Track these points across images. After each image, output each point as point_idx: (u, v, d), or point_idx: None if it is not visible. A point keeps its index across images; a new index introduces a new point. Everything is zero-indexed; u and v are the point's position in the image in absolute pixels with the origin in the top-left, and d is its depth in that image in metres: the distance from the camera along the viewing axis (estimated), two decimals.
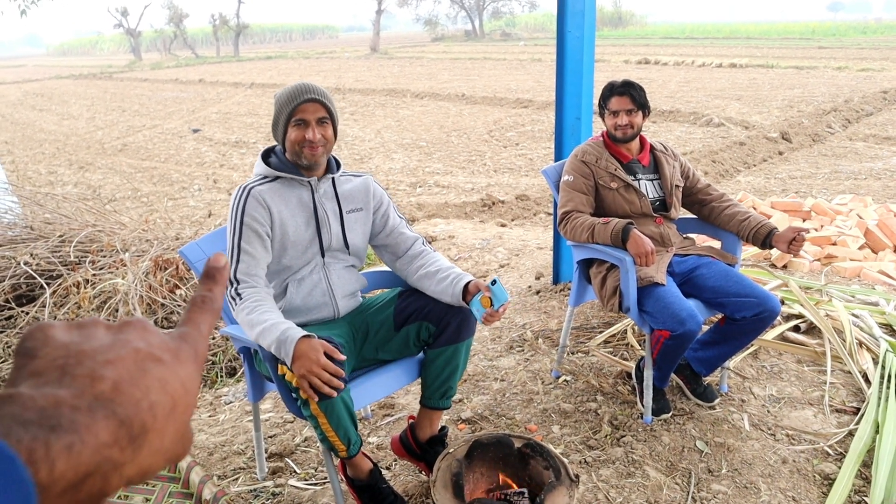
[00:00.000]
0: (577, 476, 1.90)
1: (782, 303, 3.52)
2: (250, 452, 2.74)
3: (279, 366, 2.05)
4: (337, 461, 2.22)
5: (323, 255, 2.25)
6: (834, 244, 4.65)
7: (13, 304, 4.41)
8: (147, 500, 1.86)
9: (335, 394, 1.91)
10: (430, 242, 2.46)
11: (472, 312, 2.10)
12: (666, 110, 13.02)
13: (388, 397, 3.03)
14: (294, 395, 1.99)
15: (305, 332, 1.93)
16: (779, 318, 3.16)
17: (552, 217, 5.62)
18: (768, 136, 10.72)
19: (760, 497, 2.33)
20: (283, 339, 1.93)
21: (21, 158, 12.94)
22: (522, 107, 14.86)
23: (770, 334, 3.33)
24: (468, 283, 2.16)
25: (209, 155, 12.02)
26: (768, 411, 2.82)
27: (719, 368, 2.89)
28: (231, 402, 3.27)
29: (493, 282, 2.04)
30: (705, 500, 2.32)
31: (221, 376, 3.74)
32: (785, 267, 4.44)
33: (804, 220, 5.07)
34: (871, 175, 8.37)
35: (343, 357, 1.92)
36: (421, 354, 2.34)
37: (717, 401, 2.84)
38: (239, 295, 2.07)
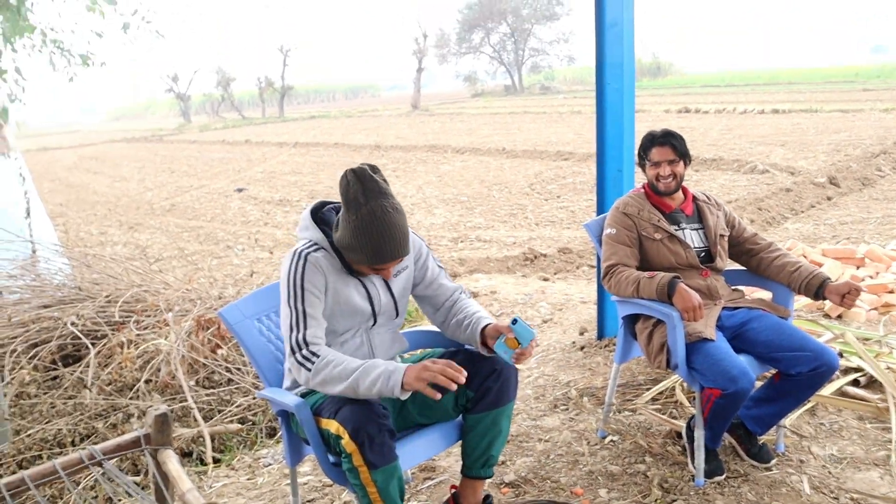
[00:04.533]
0: None
1: (840, 356, 3.36)
2: None
3: (323, 420, 2.01)
4: None
5: (375, 322, 2.21)
6: (891, 292, 4.45)
7: (59, 365, 4.47)
8: None
9: (461, 380, 1.87)
10: (472, 297, 2.42)
11: (501, 357, 2.04)
12: (709, 158, 12.88)
13: (428, 460, 2.94)
14: (342, 459, 1.95)
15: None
16: (836, 372, 3.01)
17: (595, 270, 5.53)
18: (815, 182, 10.47)
19: None
20: (391, 369, 1.92)
21: (74, 220, 13.36)
22: (563, 159, 14.86)
23: (828, 389, 3.17)
24: (486, 326, 2.12)
25: (253, 213, 12.25)
26: (829, 473, 2.66)
27: (775, 427, 2.75)
28: (270, 465, 3.22)
29: (514, 321, 1.99)
30: None
31: (261, 437, 3.70)
32: (840, 317, 4.27)
33: (858, 268, 4.89)
34: None
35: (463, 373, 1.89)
36: (460, 419, 2.27)
37: (773, 461, 2.69)
38: (314, 354, 2.00)
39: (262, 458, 3.33)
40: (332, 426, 1.98)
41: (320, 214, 2.19)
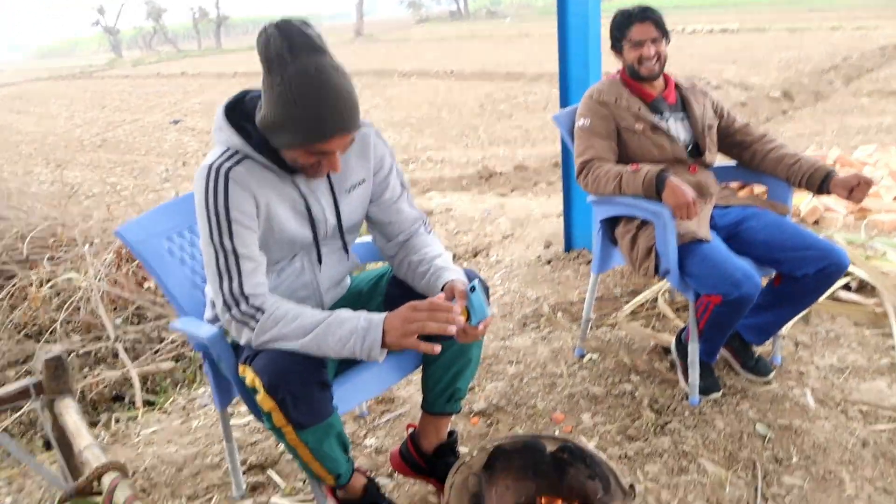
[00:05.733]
0: (632, 487, 1.48)
1: None
2: (226, 465, 2.30)
3: (240, 366, 1.61)
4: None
5: (318, 249, 1.72)
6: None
7: None
8: None
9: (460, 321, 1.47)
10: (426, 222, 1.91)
11: None
12: None
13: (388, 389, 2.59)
14: (263, 418, 1.56)
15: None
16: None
17: (557, 185, 5.20)
18: (770, 96, 10.30)
19: (845, 490, 1.90)
20: (364, 325, 1.48)
21: None
22: (513, 80, 14.34)
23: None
24: (445, 284, 1.64)
25: (192, 144, 11.57)
26: (833, 384, 2.39)
27: (771, 337, 2.46)
28: (206, 405, 2.84)
29: (472, 288, 1.54)
30: (778, 497, 1.89)
31: (200, 376, 3.31)
32: (816, 223, 4.02)
33: None
34: (881, 129, 7.94)
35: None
36: None
37: (772, 375, 2.42)
38: (258, 309, 1.53)
39: (197, 399, 2.95)
40: (247, 375, 1.55)
41: (240, 108, 1.62)
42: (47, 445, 2.87)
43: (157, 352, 3.51)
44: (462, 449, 2.11)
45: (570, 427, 2.26)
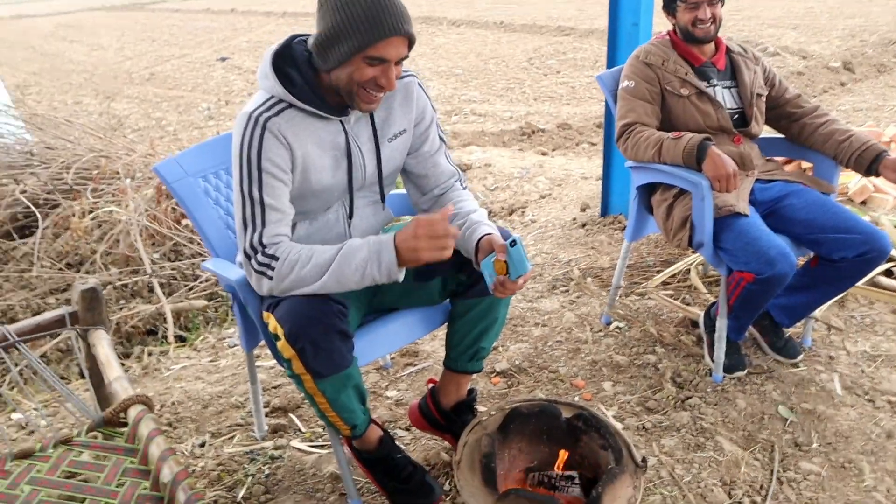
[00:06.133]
0: (644, 460, 1.47)
1: None
2: (250, 406, 2.36)
3: (264, 313, 1.63)
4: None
5: (352, 200, 1.73)
6: None
7: (16, 236, 4.09)
8: None
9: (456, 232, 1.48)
10: (464, 171, 1.91)
11: (485, 277, 1.57)
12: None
13: (411, 343, 2.62)
14: (283, 364, 1.58)
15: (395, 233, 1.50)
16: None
17: (599, 146, 5.10)
18: (829, 66, 9.88)
19: (864, 480, 1.88)
20: (376, 249, 1.49)
21: (48, 89, 12.65)
22: (564, 34, 14.01)
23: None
24: (482, 237, 1.63)
25: (237, 83, 11.59)
26: (863, 371, 2.34)
27: (803, 319, 2.41)
28: (235, 346, 2.90)
29: (513, 242, 1.51)
30: (793, 483, 1.88)
31: (231, 316, 3.37)
32: (864, 203, 3.89)
33: None
34: None
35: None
36: (448, 303, 1.88)
37: (800, 357, 2.38)
38: (272, 258, 1.53)
39: (227, 339, 3.01)
40: (270, 321, 1.57)
41: (288, 53, 1.60)
42: (81, 373, 2.97)
43: (191, 289, 3.59)
44: (480, 408, 2.14)
45: (591, 395, 2.26)
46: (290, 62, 1.57)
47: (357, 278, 1.50)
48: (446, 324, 1.90)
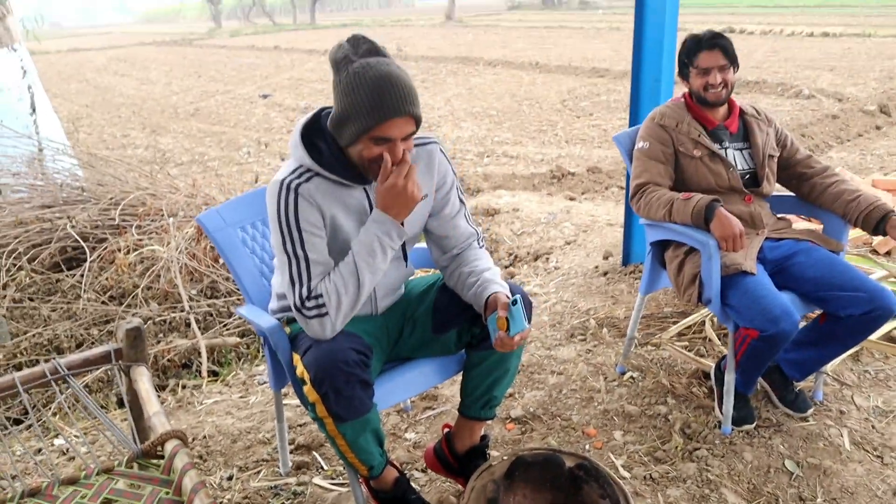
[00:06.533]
0: None
1: None
2: (276, 443, 2.49)
3: (294, 355, 1.77)
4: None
5: None
6: None
7: (63, 268, 4.31)
8: None
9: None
10: (492, 215, 2.06)
11: (490, 332, 1.72)
12: (751, 81, 12.16)
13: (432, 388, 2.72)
14: (307, 406, 1.72)
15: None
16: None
17: (625, 190, 5.19)
18: (864, 109, 9.83)
19: None
20: (374, 230, 1.72)
21: (98, 122, 13.18)
22: (598, 76, 14.19)
23: (875, 334, 2.86)
24: (491, 295, 1.77)
25: (277, 120, 11.94)
26: (873, 427, 2.39)
27: (814, 373, 2.47)
28: (264, 383, 3.04)
29: (514, 301, 1.66)
30: None
31: (262, 353, 3.52)
32: (889, 254, 3.91)
33: None
34: None
35: None
36: (463, 353, 2.00)
37: (810, 411, 2.43)
38: (318, 297, 1.69)
39: (257, 376, 3.15)
40: (298, 366, 1.72)
41: (316, 126, 1.77)
42: (119, 403, 3.14)
43: (225, 325, 3.75)
44: (493, 453, 2.23)
45: (602, 443, 2.34)
46: (318, 133, 1.74)
47: (382, 264, 1.72)
48: (462, 372, 2.02)
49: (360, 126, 1.61)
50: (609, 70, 14.51)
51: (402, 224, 1.72)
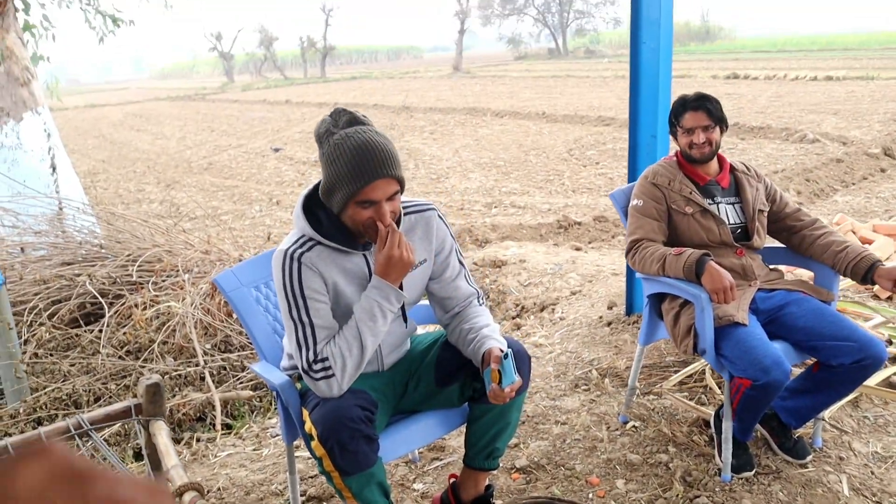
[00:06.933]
0: None
1: (889, 343, 3.11)
2: (288, 494, 2.56)
3: (304, 410, 1.87)
4: None
5: None
6: None
7: (82, 323, 4.44)
8: None
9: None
10: (499, 267, 2.19)
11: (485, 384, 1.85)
12: (756, 126, 12.35)
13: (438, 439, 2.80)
14: (315, 459, 1.82)
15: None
16: (885, 363, 2.76)
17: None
18: (869, 153, 9.95)
19: None
20: (373, 297, 1.83)
21: (114, 177, 13.49)
22: (604, 125, 14.44)
23: (874, 380, 2.92)
24: (487, 349, 1.89)
25: (289, 174, 12.18)
26: (872, 473, 2.44)
27: (812, 420, 2.54)
28: (277, 436, 3.12)
29: (505, 355, 1.79)
30: None
31: (274, 406, 3.61)
32: (890, 299, 3.98)
33: None
34: None
35: None
36: (466, 406, 2.10)
37: (809, 458, 2.49)
38: (324, 360, 1.81)
39: (270, 429, 3.23)
40: (307, 421, 1.83)
41: (317, 197, 1.90)
42: (135, 456, 3.22)
43: (238, 379, 3.85)
44: (497, 502, 2.30)
45: (604, 492, 2.40)
46: (318, 204, 1.88)
47: (383, 327, 1.83)
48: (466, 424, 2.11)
49: (346, 192, 1.74)
50: (615, 118, 14.75)
51: (401, 286, 1.83)
